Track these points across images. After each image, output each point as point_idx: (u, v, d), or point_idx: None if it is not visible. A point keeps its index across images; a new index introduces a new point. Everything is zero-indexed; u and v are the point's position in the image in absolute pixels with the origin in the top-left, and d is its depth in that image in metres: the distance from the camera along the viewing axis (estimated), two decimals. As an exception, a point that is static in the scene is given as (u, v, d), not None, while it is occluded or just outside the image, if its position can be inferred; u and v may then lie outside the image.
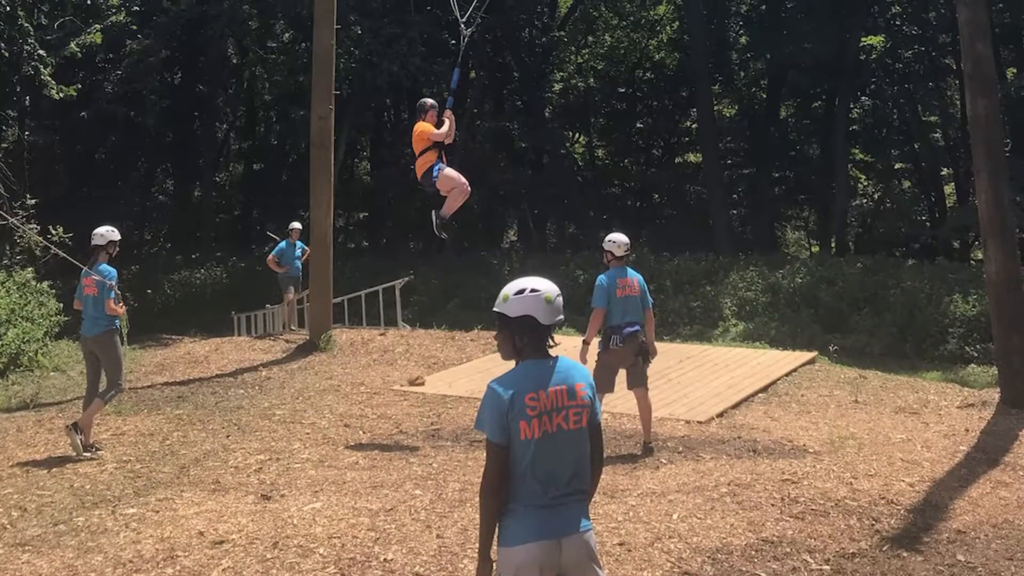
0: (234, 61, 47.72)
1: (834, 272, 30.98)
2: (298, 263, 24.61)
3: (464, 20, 15.25)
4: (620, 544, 8.98)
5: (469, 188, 14.08)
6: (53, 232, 20.41)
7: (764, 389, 16.30)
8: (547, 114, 49.23)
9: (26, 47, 27.33)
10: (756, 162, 47.90)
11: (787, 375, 17.33)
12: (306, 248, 23.67)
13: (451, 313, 32.84)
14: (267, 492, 10.81)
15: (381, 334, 22.57)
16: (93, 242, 13.07)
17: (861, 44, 40.88)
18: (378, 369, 18.79)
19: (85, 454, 12.53)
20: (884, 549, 8.95)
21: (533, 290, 5.36)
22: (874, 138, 48.07)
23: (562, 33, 49.93)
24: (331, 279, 21.79)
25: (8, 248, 24.51)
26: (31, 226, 22.21)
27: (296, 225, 24.95)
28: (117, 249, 13.26)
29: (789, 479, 10.90)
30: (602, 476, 5.74)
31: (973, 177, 17.12)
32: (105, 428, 14.11)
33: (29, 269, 23.09)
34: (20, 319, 20.71)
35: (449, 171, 13.87)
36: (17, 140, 34.29)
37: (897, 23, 42.88)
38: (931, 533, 9.40)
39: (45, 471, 12.01)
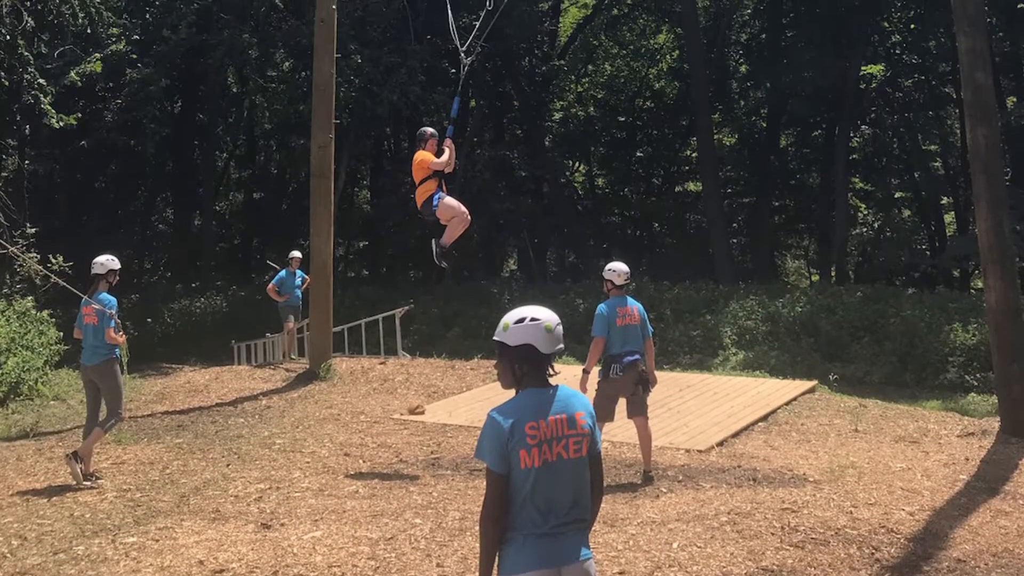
0: (234, 90, 47.83)
1: (834, 301, 30.98)
2: (298, 292, 24.60)
3: (464, 49, 15.31)
4: (620, 573, 8.98)
5: (469, 217, 14.11)
6: (53, 261, 20.37)
7: (764, 418, 16.30)
8: (547, 143, 49.21)
9: (26, 76, 27.40)
10: (756, 191, 47.94)
11: (787, 404, 17.32)
12: (306, 277, 23.68)
13: (451, 342, 32.87)
14: (267, 521, 10.80)
15: (381, 363, 22.58)
16: (93, 271, 13.09)
17: (861, 73, 40.93)
18: (378, 398, 18.79)
19: (85, 483, 12.53)
20: (884, 578, 8.95)
21: (533, 319, 5.38)
22: (874, 167, 48.10)
23: (562, 62, 50.08)
24: (331, 308, 21.81)
25: (8, 277, 24.52)
26: (31, 255, 22.20)
27: (296, 254, 24.95)
28: (117, 278, 13.28)
29: (789, 508, 10.89)
30: (602, 505, 5.75)
31: (973, 206, 17.17)
32: (105, 457, 14.12)
33: (29, 298, 23.08)
34: (20, 348, 20.70)
35: (449, 200, 13.90)
36: (17, 169, 34.27)
37: (897, 52, 42.90)
38: (931, 562, 9.40)
39: (45, 500, 12.01)
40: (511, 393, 5.47)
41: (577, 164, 55.57)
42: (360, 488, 12.20)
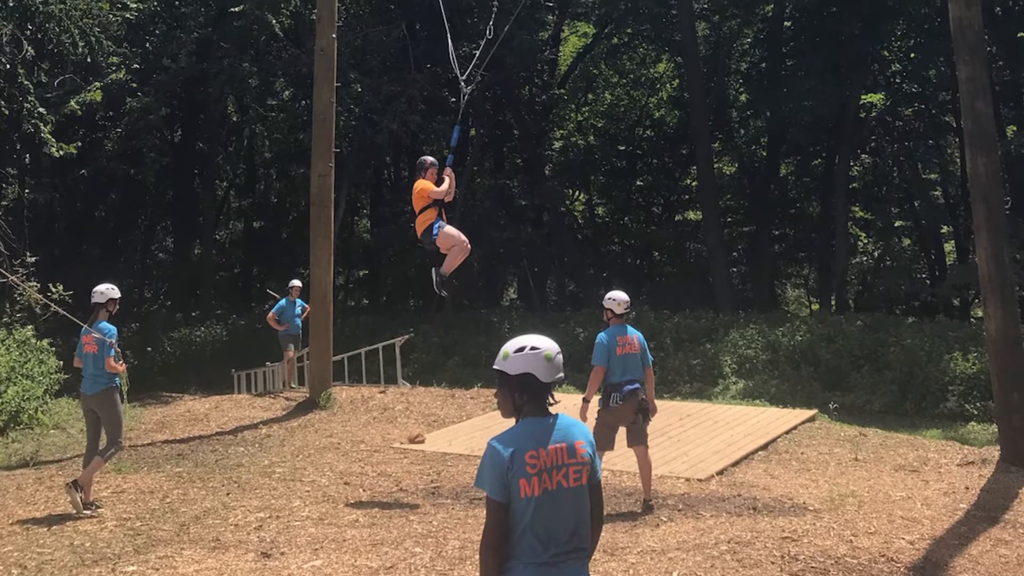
0: (234, 119, 47.75)
1: (834, 330, 30.97)
2: (298, 321, 24.61)
3: (464, 78, 15.33)
4: (620, 602, 8.97)
5: (469, 246, 14.12)
6: (53, 290, 20.44)
7: (764, 447, 16.30)
8: (547, 172, 49.23)
9: (26, 105, 27.39)
10: (756, 220, 47.92)
11: (787, 433, 17.32)
12: (306, 306, 23.69)
13: (451, 371, 32.87)
14: (267, 550, 10.79)
15: (381, 392, 22.57)
16: (93, 300, 13.12)
17: (861, 102, 40.98)
18: (378, 427, 18.77)
19: (85, 512, 12.52)
20: (885, 607, 8.93)
21: (533, 348, 5.39)
22: (874, 196, 48.10)
23: (562, 91, 50.16)
24: (331, 337, 21.80)
25: (8, 306, 24.51)
26: (31, 284, 22.24)
27: (296, 283, 24.97)
28: (117, 307, 13.31)
29: (789, 537, 10.88)
30: (602, 534, 5.74)
31: (973, 235, 17.19)
32: (105, 486, 14.10)
33: (29, 327, 23.07)
34: (20, 377, 20.67)
35: (449, 229, 13.91)
36: (17, 198, 34.29)
37: (897, 81, 42.97)
38: (932, 591, 9.39)
39: (45, 529, 12.00)
40: (511, 422, 5.48)
41: (577, 193, 55.58)
42: (360, 517, 12.19)
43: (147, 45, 36.44)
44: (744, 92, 49.31)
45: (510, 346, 5.46)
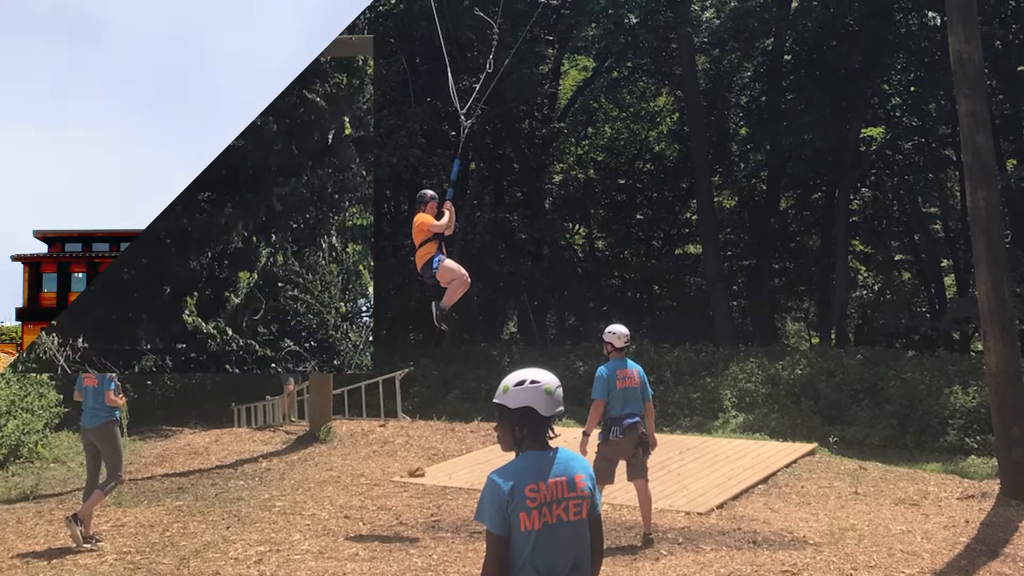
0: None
1: (834, 364, 30.88)
2: (299, 354, 24.61)
3: (464, 111, 15.35)
4: (620, 636, 8.96)
5: (469, 279, 14.10)
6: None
7: (764, 480, 16.31)
8: (547, 205, 49.17)
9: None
10: (756, 253, 47.86)
11: (787, 466, 17.34)
12: (307, 339, 23.69)
13: (451, 404, 32.79)
14: (267, 584, 10.78)
15: (381, 425, 22.58)
16: (95, 333, 13.13)
17: (861, 136, 40.96)
18: (378, 460, 18.78)
19: (85, 546, 12.51)
20: (885, 641, 8.92)
21: (533, 381, 5.39)
22: (874, 229, 48.08)
23: (562, 124, 50.10)
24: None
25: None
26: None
27: (297, 316, 24.98)
28: (118, 340, 13.32)
29: (789, 571, 10.87)
30: (602, 567, 5.74)
31: (973, 268, 17.21)
32: (105, 519, 14.10)
33: (29, 360, 23.10)
34: (20, 410, 20.67)
35: (449, 262, 13.90)
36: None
37: (897, 115, 42.99)
38: (932, 625, 9.38)
39: (45, 563, 11.99)
40: (511, 455, 5.48)
41: (577, 226, 55.49)
42: (360, 551, 12.18)
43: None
44: (744, 126, 49.25)
45: (510, 380, 5.47)
